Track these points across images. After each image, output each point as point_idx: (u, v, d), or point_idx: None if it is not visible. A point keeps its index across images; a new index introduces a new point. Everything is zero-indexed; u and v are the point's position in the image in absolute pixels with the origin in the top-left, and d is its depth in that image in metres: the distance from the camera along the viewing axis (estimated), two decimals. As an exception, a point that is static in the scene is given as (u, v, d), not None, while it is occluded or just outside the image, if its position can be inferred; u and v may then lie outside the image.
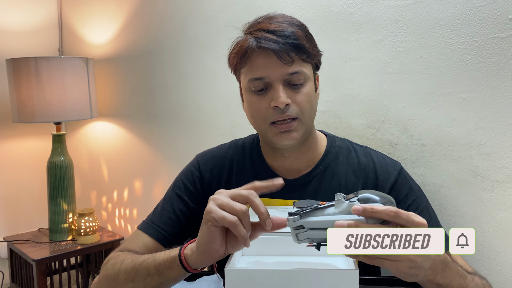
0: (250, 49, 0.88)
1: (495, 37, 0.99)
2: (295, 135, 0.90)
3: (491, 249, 1.03)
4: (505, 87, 0.98)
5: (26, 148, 2.31)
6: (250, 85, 0.91)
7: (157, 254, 0.80)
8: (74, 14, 2.31)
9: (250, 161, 1.02)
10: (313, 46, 0.91)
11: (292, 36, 0.87)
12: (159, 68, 1.86)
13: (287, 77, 0.88)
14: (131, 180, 2.10)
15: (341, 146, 1.01)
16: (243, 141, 1.08)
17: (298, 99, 0.89)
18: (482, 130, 1.02)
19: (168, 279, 0.76)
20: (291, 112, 0.88)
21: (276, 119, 0.89)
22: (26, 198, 2.33)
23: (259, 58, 0.88)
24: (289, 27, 0.88)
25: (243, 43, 0.90)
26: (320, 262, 0.75)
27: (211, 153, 1.08)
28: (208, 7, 1.61)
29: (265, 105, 0.89)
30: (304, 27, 0.92)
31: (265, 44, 0.86)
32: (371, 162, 0.98)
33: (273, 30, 0.87)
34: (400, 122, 1.16)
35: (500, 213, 1.01)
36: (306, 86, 0.90)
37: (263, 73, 0.88)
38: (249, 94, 0.92)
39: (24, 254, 1.92)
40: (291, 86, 0.89)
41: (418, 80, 1.11)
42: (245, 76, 0.92)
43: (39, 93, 1.87)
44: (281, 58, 0.86)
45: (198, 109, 1.72)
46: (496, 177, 1.01)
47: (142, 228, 0.99)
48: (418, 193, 0.97)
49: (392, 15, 1.14)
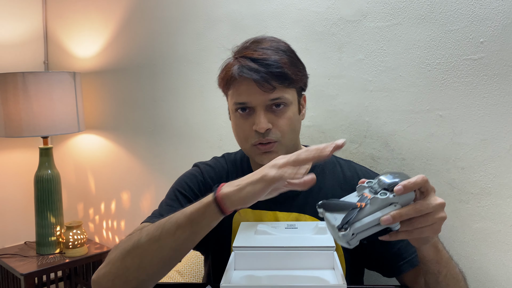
0: (233, 76, 0.93)
1: (468, 59, 1.06)
2: (275, 156, 0.92)
3: (467, 257, 1.09)
4: (478, 106, 1.05)
5: (12, 162, 2.31)
6: (235, 107, 0.97)
7: (185, 208, 0.79)
8: (59, 27, 2.32)
9: (242, 174, 1.06)
10: (297, 71, 0.95)
11: (275, 64, 0.91)
12: (147, 82, 1.89)
13: (268, 102, 0.93)
14: (118, 192, 2.12)
15: (326, 160, 1.06)
16: (234, 155, 1.13)
17: (279, 123, 0.94)
18: (457, 146, 1.09)
19: (201, 227, 0.76)
20: (272, 136, 0.94)
21: (257, 142, 0.94)
22: (12, 212, 2.32)
23: (242, 85, 0.94)
24: (274, 54, 0.92)
25: (228, 70, 0.95)
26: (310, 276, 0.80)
27: (209, 165, 1.11)
28: (195, 24, 1.66)
29: (248, 128, 0.95)
30: (290, 53, 0.97)
31: (247, 74, 0.91)
32: (355, 175, 1.03)
33: (256, 59, 0.91)
34: (381, 137, 1.22)
35: (475, 223, 1.08)
36: (288, 110, 0.95)
37: (246, 99, 0.94)
38: (235, 115, 0.98)
39: (12, 268, 1.92)
40: (273, 110, 0.94)
41: (398, 97, 1.18)
42: (230, 99, 0.98)
43: (27, 107, 1.88)
44: (262, 87, 0.91)
45: (186, 123, 1.75)
46: (471, 190, 1.08)
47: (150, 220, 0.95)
48: None
49: (373, 36, 1.21)
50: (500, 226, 1.04)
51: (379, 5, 1.19)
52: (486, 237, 1.06)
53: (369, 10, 1.21)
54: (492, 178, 1.05)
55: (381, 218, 0.67)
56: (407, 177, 0.70)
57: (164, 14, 1.77)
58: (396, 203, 0.68)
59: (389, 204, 0.68)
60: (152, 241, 0.79)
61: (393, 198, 0.67)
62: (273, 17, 1.42)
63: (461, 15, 1.06)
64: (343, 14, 1.26)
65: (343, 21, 1.26)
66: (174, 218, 0.78)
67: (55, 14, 2.34)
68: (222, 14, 1.57)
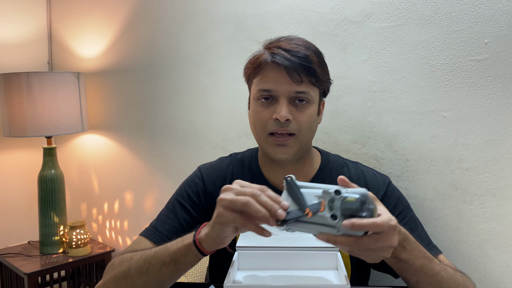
0: (265, 62, 0.94)
1: (473, 60, 1.05)
2: (289, 150, 0.95)
3: (471, 258, 1.09)
4: (482, 106, 1.05)
5: (16, 161, 2.31)
6: (258, 94, 0.96)
7: (168, 244, 0.82)
8: (63, 27, 2.33)
9: (249, 174, 1.06)
10: (324, 73, 0.97)
11: (306, 58, 0.92)
12: (151, 82, 1.90)
13: (293, 94, 0.93)
14: (121, 192, 2.12)
15: (334, 162, 1.06)
16: (242, 155, 1.12)
17: (299, 117, 0.94)
18: (461, 147, 1.09)
19: (184, 265, 0.79)
20: (290, 128, 0.94)
21: (275, 130, 0.94)
22: (16, 211, 2.33)
23: (271, 72, 0.94)
24: (305, 50, 0.94)
25: (260, 56, 0.96)
26: (313, 276, 0.80)
27: (213, 166, 1.11)
28: (199, 25, 1.66)
29: (268, 116, 0.95)
30: (320, 55, 0.98)
31: (279, 60, 0.92)
32: (362, 177, 1.03)
33: (289, 50, 0.93)
34: (385, 138, 1.22)
35: (479, 225, 1.07)
36: (310, 107, 0.96)
37: (272, 86, 0.94)
38: (256, 103, 0.98)
39: (15, 267, 1.93)
40: (295, 104, 0.95)
41: (402, 98, 1.18)
42: (255, 86, 0.98)
43: (31, 107, 1.89)
44: (291, 76, 0.92)
45: (189, 123, 1.76)
46: (475, 191, 1.07)
47: (146, 234, 1.00)
48: (405, 204, 1.02)
49: (377, 36, 1.21)
50: (504, 227, 1.04)
51: (383, 6, 1.19)
52: (491, 238, 1.06)
53: (373, 11, 1.21)
54: (496, 179, 1.04)
55: (317, 235, 0.66)
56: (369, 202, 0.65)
57: (167, 15, 1.78)
58: (339, 229, 0.65)
59: (333, 227, 0.65)
60: (140, 274, 0.83)
61: (339, 226, 0.64)
62: (277, 17, 1.42)
63: (465, 16, 1.05)
64: (347, 15, 1.26)
65: (347, 21, 1.26)
66: (159, 255, 0.82)
67: (59, 15, 2.35)
68: (225, 14, 1.57)
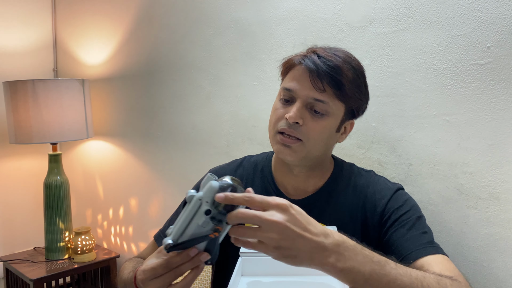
0: (294, 63, 0.95)
1: (475, 64, 1.06)
2: (293, 153, 0.93)
3: (476, 263, 1.08)
4: (485, 110, 1.05)
5: (22, 168, 2.33)
6: (281, 93, 0.96)
7: (132, 267, 0.91)
8: (69, 35, 2.35)
9: (260, 178, 1.06)
10: (355, 92, 0.93)
11: (336, 69, 0.89)
12: (155, 88, 1.91)
13: (311, 100, 0.91)
14: (126, 198, 2.13)
15: (346, 171, 1.04)
16: (255, 158, 1.12)
17: (311, 125, 0.92)
18: (465, 151, 1.09)
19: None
20: (298, 132, 0.92)
21: (283, 130, 0.93)
22: (21, 217, 2.34)
23: (297, 73, 0.94)
24: (341, 63, 0.90)
25: (294, 57, 0.96)
26: (317, 282, 0.80)
27: (222, 169, 1.12)
28: (203, 31, 1.67)
29: (282, 114, 0.94)
30: (359, 74, 0.94)
31: (307, 63, 0.91)
32: (371, 184, 1.01)
33: (322, 56, 0.91)
34: (388, 143, 1.22)
35: (484, 229, 1.07)
36: (326, 119, 0.92)
37: (293, 87, 0.93)
38: (278, 99, 0.98)
39: (21, 273, 1.93)
40: (311, 112, 0.92)
41: (405, 103, 1.18)
42: (282, 84, 0.98)
43: (36, 114, 1.90)
44: (314, 82, 0.90)
45: (193, 129, 1.76)
46: (480, 195, 1.07)
47: (155, 238, 1.09)
48: (413, 208, 0.96)
49: (379, 41, 1.21)
50: (509, 231, 1.03)
51: (385, 11, 1.19)
52: (495, 242, 1.05)
53: (375, 16, 1.21)
54: (500, 183, 1.04)
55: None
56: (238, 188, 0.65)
57: (172, 22, 1.79)
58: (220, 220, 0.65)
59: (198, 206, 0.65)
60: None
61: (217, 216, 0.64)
62: (280, 23, 1.43)
63: (467, 20, 1.06)
64: (349, 20, 1.26)
65: (349, 27, 1.27)
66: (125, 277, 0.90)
67: (64, 23, 2.37)
68: (229, 21, 1.58)
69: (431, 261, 0.84)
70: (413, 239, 0.89)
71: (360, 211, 0.98)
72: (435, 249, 0.88)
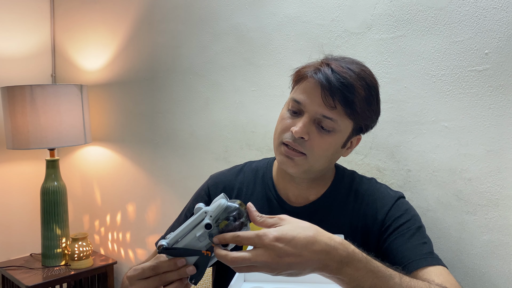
0: (306, 74, 0.92)
1: (473, 70, 1.06)
2: (295, 166, 0.92)
3: (475, 270, 1.08)
4: (483, 117, 1.05)
5: (19, 173, 2.32)
6: (290, 103, 0.94)
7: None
8: (67, 41, 2.35)
9: (261, 184, 1.06)
10: (366, 110, 0.91)
11: (349, 88, 0.87)
12: (153, 94, 1.91)
13: (319, 116, 0.90)
14: (124, 204, 2.12)
15: (347, 178, 1.04)
16: (256, 164, 1.11)
17: (316, 141, 0.90)
18: (464, 157, 1.09)
19: None
20: (302, 147, 0.90)
21: (288, 142, 0.92)
22: (18, 223, 2.33)
23: (309, 86, 0.91)
24: (355, 80, 0.88)
25: (307, 68, 0.93)
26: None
27: (223, 174, 1.11)
28: (201, 37, 1.67)
29: (288, 126, 0.92)
30: (372, 91, 0.92)
31: (319, 77, 0.88)
32: (373, 192, 1.01)
33: (337, 72, 0.88)
34: (387, 149, 1.22)
35: (483, 236, 1.07)
36: (333, 136, 0.91)
37: (303, 100, 0.91)
38: (285, 109, 0.96)
39: (17, 280, 1.92)
40: (318, 127, 0.91)
41: (403, 109, 1.18)
42: (291, 94, 0.96)
43: (34, 120, 1.90)
44: (324, 98, 0.88)
45: (191, 134, 1.76)
46: (478, 201, 1.07)
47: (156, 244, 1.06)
48: (414, 217, 0.96)
49: (377, 48, 1.21)
50: (508, 238, 1.03)
51: (383, 17, 1.20)
52: (494, 249, 1.05)
53: (373, 22, 1.22)
54: (499, 189, 1.04)
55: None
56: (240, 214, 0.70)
57: (170, 27, 1.79)
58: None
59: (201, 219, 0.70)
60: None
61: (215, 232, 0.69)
62: (278, 30, 1.43)
63: (465, 27, 1.06)
64: (347, 27, 1.27)
65: (348, 33, 1.27)
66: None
67: (63, 28, 2.38)
68: (227, 27, 1.58)
69: (431, 272, 0.84)
70: (413, 248, 0.90)
71: (361, 218, 0.98)
72: (435, 260, 0.88)
